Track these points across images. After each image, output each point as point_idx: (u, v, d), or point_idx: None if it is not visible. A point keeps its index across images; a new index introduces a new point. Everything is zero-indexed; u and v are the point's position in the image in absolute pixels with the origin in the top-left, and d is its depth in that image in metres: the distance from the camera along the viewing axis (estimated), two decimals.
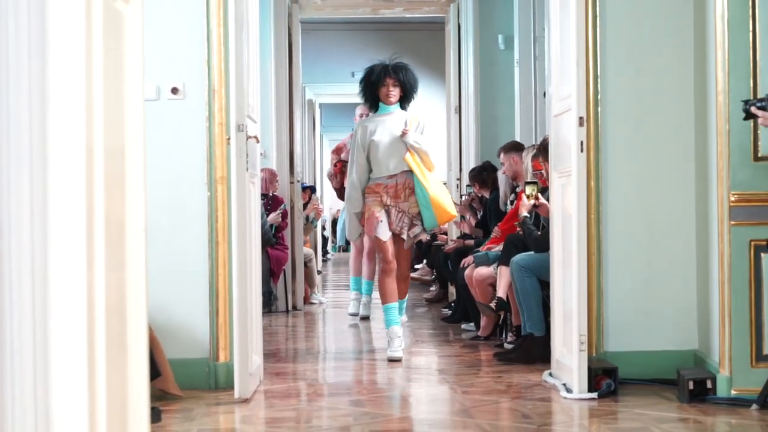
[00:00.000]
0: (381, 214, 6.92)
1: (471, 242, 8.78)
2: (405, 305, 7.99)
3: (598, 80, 5.68)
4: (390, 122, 7.08)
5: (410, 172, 6.97)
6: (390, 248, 6.96)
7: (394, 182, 6.97)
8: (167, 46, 5.54)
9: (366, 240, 8.73)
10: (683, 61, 5.67)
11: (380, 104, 7.18)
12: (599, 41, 5.67)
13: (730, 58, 5.04)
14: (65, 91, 2.11)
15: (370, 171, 7.09)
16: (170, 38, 5.56)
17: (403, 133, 6.95)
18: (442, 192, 7.12)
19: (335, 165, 9.88)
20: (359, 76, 7.46)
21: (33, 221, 2.11)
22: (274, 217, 9.67)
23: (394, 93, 7.08)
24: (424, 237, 7.67)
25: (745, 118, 4.84)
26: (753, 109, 4.73)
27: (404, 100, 7.20)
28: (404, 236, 6.99)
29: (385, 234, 6.93)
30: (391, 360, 6.66)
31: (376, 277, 8.30)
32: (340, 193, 9.26)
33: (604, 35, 5.68)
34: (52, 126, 2.10)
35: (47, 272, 2.09)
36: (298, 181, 10.73)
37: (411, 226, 6.99)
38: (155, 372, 4.99)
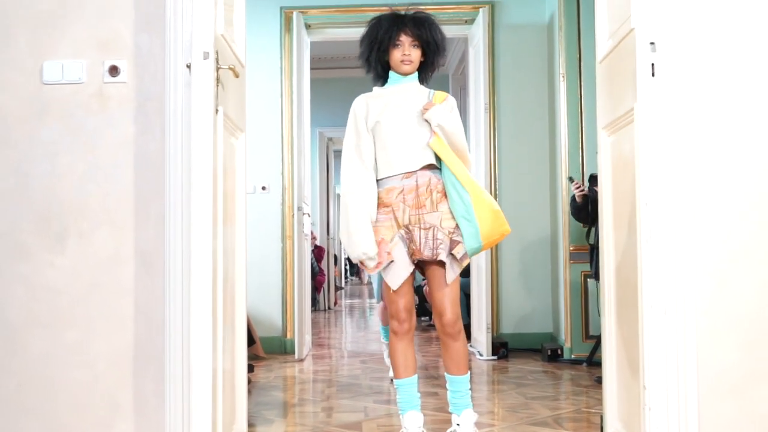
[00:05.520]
0: (396, 246, 2.56)
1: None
2: (470, 387, 2.60)
3: (496, 151, 5.71)
4: (405, 97, 2.64)
5: (437, 168, 2.59)
6: (402, 300, 2.57)
7: (414, 182, 2.56)
8: (260, 162, 5.60)
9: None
10: (542, 146, 5.65)
11: (390, 73, 2.67)
12: (497, 125, 5.71)
13: (569, 147, 5.05)
14: (201, 188, 2.15)
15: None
16: (261, 158, 5.61)
17: (426, 109, 2.56)
18: (488, 195, 2.56)
19: None
20: None
21: (183, 248, 2.13)
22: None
23: (413, 56, 2.62)
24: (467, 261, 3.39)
25: (577, 200, 4.45)
26: (596, 189, 4.06)
27: (425, 69, 2.70)
28: (443, 258, 2.52)
29: (396, 279, 2.55)
30: None
31: None
32: None
33: (499, 122, 5.72)
34: (195, 210, 2.14)
35: (191, 280, 2.11)
36: (332, 239, 10.78)
37: (452, 244, 2.53)
38: (251, 341, 4.99)
